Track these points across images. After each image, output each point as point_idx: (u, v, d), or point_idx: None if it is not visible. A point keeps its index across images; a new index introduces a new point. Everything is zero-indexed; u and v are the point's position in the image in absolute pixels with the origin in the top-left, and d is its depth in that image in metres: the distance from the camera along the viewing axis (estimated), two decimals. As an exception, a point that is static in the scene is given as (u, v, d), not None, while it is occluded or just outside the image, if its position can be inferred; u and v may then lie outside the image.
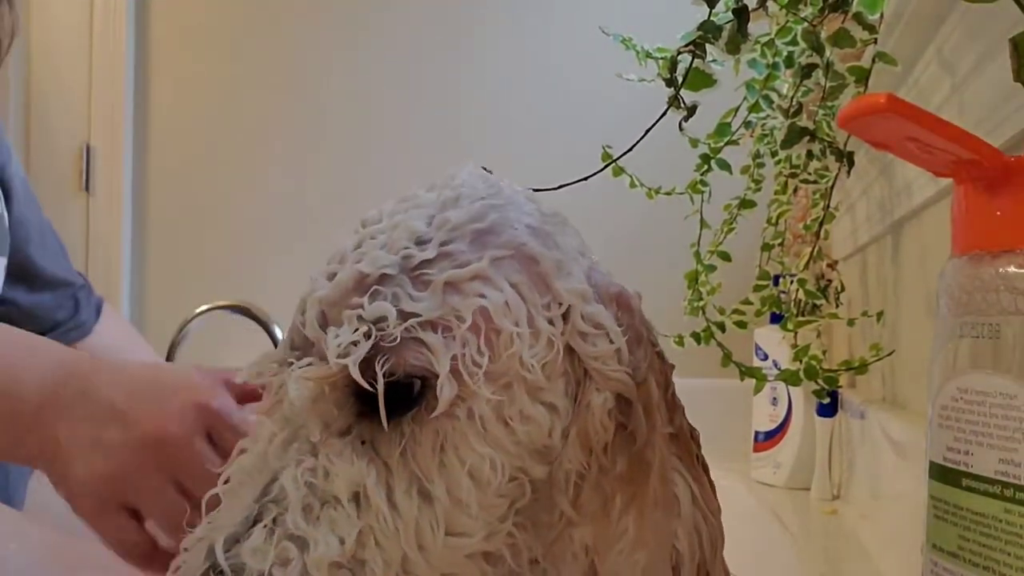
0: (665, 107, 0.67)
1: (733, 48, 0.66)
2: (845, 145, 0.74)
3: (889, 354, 0.82)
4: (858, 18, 0.68)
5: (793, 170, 0.84)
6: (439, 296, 0.36)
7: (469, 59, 1.60)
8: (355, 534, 0.34)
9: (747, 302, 0.90)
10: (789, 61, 0.78)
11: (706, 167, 0.89)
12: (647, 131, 0.68)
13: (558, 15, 1.56)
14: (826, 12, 0.70)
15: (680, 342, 0.90)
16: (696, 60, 0.65)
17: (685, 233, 0.98)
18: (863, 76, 0.70)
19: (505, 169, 0.80)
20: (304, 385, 0.36)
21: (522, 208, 0.40)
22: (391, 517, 0.35)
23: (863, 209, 0.96)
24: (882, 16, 0.69)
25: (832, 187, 0.80)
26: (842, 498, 1.03)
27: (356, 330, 0.35)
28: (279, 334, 1.33)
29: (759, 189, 0.95)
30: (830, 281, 1.06)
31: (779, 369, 0.96)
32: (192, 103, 1.70)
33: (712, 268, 0.95)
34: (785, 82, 0.81)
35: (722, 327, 0.90)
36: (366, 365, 0.34)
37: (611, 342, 0.39)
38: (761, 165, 0.94)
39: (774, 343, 1.13)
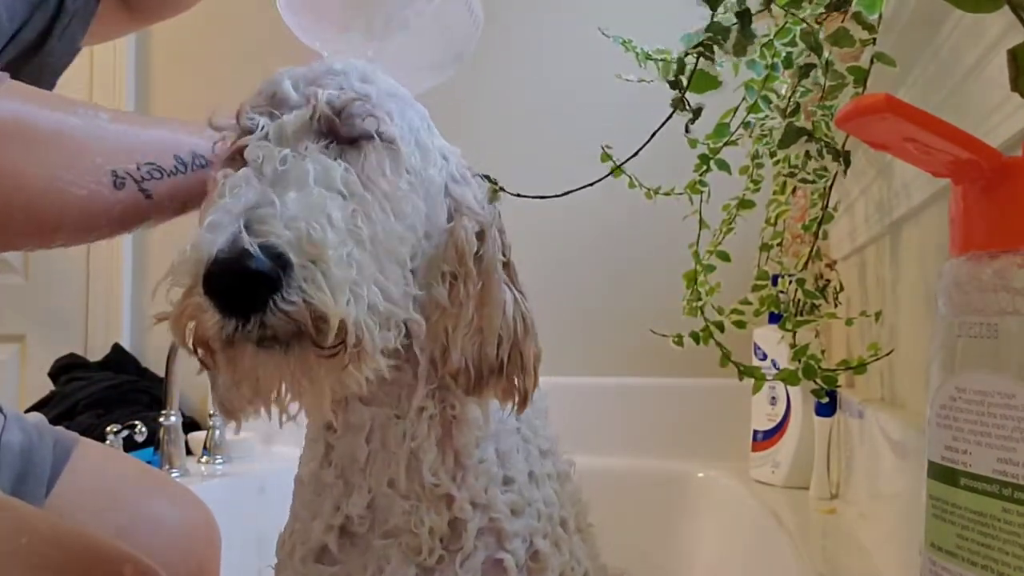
0: (671, 110, 0.67)
1: (740, 50, 0.66)
2: (844, 145, 0.75)
3: (888, 354, 0.82)
4: (857, 18, 0.68)
5: (792, 170, 0.84)
6: (385, 95, 0.55)
7: (469, 62, 1.60)
8: (350, 211, 0.47)
9: (746, 302, 0.90)
10: (788, 62, 0.78)
11: (705, 167, 0.89)
12: (653, 134, 0.68)
13: (557, 16, 1.56)
14: (826, 13, 0.70)
15: (679, 342, 0.90)
16: (702, 62, 0.65)
17: (684, 233, 0.98)
18: (862, 76, 0.70)
19: (505, 170, 0.80)
20: (299, 117, 0.50)
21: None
22: (367, 202, 0.49)
23: (861, 209, 0.96)
24: (881, 16, 0.69)
25: (830, 187, 0.80)
26: (840, 497, 1.03)
27: (341, 90, 0.52)
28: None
29: (758, 189, 0.95)
30: (829, 281, 1.06)
31: (778, 369, 0.96)
32: (192, 105, 1.70)
33: (711, 268, 0.96)
34: (784, 83, 0.81)
35: (721, 327, 0.90)
36: (348, 116, 0.51)
37: (474, 195, 0.58)
38: (760, 165, 0.94)
39: (773, 343, 1.13)
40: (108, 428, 1.30)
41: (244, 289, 0.42)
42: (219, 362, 0.46)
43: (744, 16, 0.63)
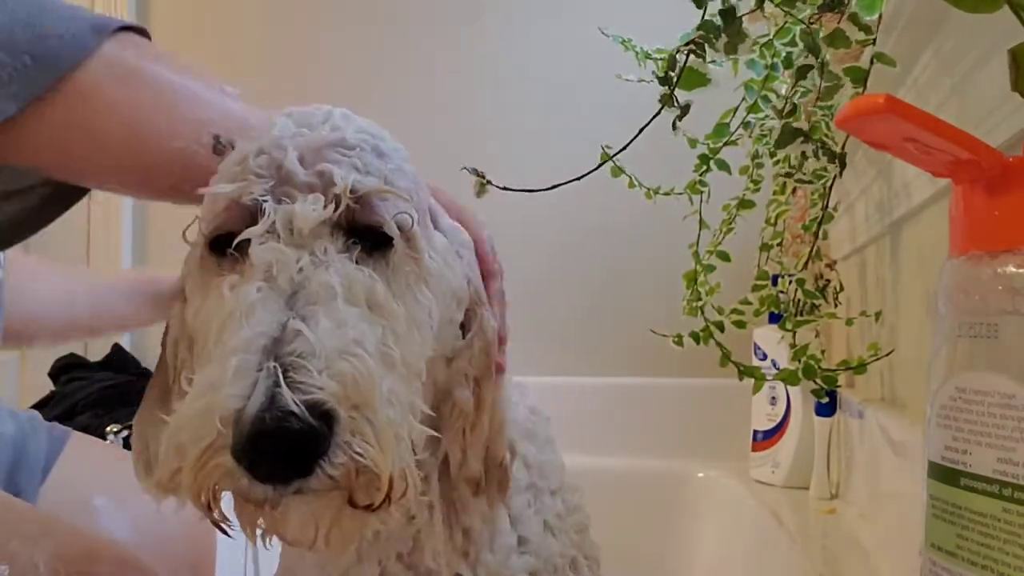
0: (659, 106, 0.68)
1: (731, 49, 0.66)
2: (843, 146, 0.75)
3: (888, 354, 0.82)
4: (854, 19, 0.68)
5: (789, 170, 0.84)
6: (400, 173, 0.47)
7: (469, 60, 1.60)
8: (380, 331, 0.40)
9: (746, 302, 0.90)
10: (788, 62, 0.78)
11: (705, 167, 0.90)
12: (640, 130, 0.68)
13: (557, 16, 1.56)
14: (820, 13, 0.70)
15: (679, 342, 0.90)
16: (692, 59, 0.66)
17: (684, 233, 0.98)
18: (862, 77, 0.70)
19: (503, 168, 0.80)
20: (318, 212, 0.41)
21: None
22: (396, 319, 0.42)
23: (862, 209, 0.96)
24: (881, 17, 0.69)
25: (830, 187, 0.80)
26: (840, 497, 1.03)
27: (362, 173, 0.44)
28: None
29: (758, 189, 0.95)
30: (829, 281, 1.06)
31: (778, 369, 0.96)
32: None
33: (711, 268, 0.96)
34: (784, 83, 0.81)
35: (721, 327, 0.90)
36: (370, 207, 0.43)
37: (474, 275, 0.51)
38: (760, 165, 0.94)
39: (773, 343, 1.13)
40: (108, 428, 1.30)
41: (290, 456, 0.35)
42: (238, 515, 0.39)
43: (728, 15, 0.64)
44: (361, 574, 0.52)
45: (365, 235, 0.43)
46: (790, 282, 0.96)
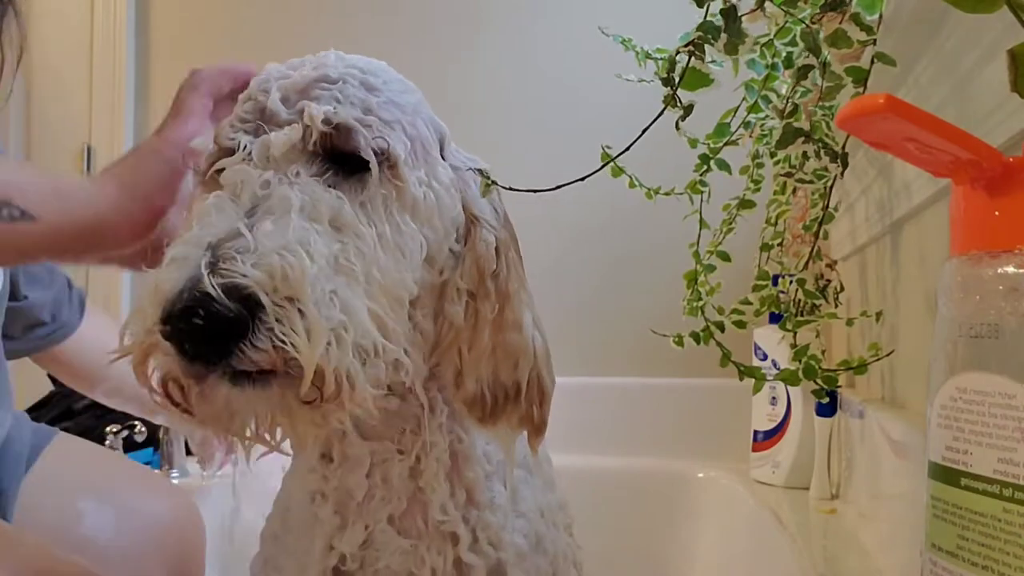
0: (661, 106, 0.68)
1: (731, 49, 0.66)
2: (844, 146, 0.74)
3: (888, 354, 0.82)
4: (856, 19, 0.68)
5: (790, 170, 0.84)
6: (391, 105, 0.48)
7: (469, 59, 1.60)
8: (338, 247, 0.42)
9: (746, 302, 0.90)
10: (788, 62, 0.78)
11: (705, 167, 0.89)
12: (644, 130, 0.68)
13: (558, 15, 1.56)
14: (822, 13, 0.70)
15: (679, 342, 0.90)
16: (693, 60, 0.65)
17: (684, 233, 0.98)
18: (862, 77, 0.70)
19: (504, 168, 0.80)
20: (289, 136, 0.44)
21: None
22: (363, 238, 0.43)
23: (862, 209, 0.96)
24: (881, 17, 0.69)
25: (831, 187, 0.80)
26: (841, 497, 1.03)
27: (338, 104, 0.46)
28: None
29: (758, 189, 0.95)
30: (829, 281, 1.06)
31: (778, 369, 0.96)
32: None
33: (711, 268, 0.96)
34: (784, 83, 0.81)
35: (721, 327, 0.90)
36: (346, 134, 0.45)
37: (495, 209, 0.54)
38: (760, 165, 0.94)
39: (773, 343, 1.13)
40: (108, 428, 1.30)
41: (207, 335, 0.37)
42: (190, 398, 0.41)
43: (730, 15, 0.63)
44: (346, 541, 0.52)
45: (344, 163, 0.46)
46: (791, 282, 0.96)
